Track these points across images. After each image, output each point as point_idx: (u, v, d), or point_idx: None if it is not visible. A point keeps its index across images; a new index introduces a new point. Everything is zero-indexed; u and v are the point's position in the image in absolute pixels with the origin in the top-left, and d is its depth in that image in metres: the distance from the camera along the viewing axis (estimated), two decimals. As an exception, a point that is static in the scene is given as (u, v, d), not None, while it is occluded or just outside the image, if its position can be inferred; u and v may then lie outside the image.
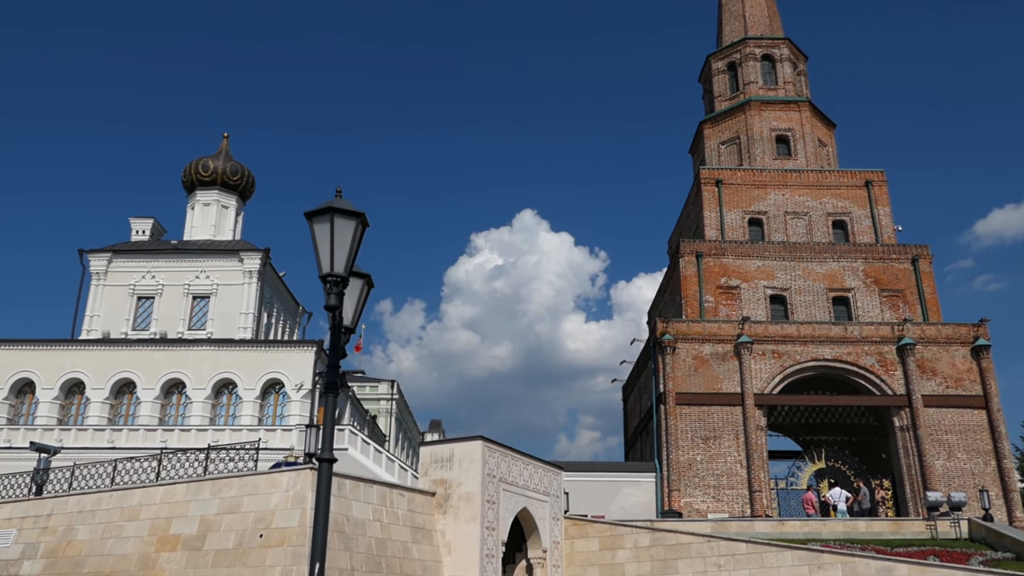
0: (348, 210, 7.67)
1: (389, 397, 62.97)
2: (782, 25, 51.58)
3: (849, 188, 43.40)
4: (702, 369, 36.78)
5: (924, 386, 36.48)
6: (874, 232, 42.19)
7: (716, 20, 53.68)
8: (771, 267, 40.10)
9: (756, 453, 35.21)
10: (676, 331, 37.22)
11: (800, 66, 49.88)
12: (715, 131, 47.90)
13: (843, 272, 40.19)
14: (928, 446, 35.37)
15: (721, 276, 39.90)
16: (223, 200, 51.36)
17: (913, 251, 40.58)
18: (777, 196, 42.99)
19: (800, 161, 45.00)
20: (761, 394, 36.35)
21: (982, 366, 36.88)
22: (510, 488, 22.48)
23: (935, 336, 37.50)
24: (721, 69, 49.92)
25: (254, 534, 17.46)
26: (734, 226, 42.19)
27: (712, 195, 42.77)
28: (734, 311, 39.04)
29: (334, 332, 7.94)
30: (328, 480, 7.56)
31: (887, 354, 37.12)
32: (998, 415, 36.01)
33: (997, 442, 35.62)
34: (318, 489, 7.55)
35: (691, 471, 35.14)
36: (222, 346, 41.37)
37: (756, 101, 46.71)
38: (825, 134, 47.99)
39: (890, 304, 39.59)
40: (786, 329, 37.55)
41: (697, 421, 35.93)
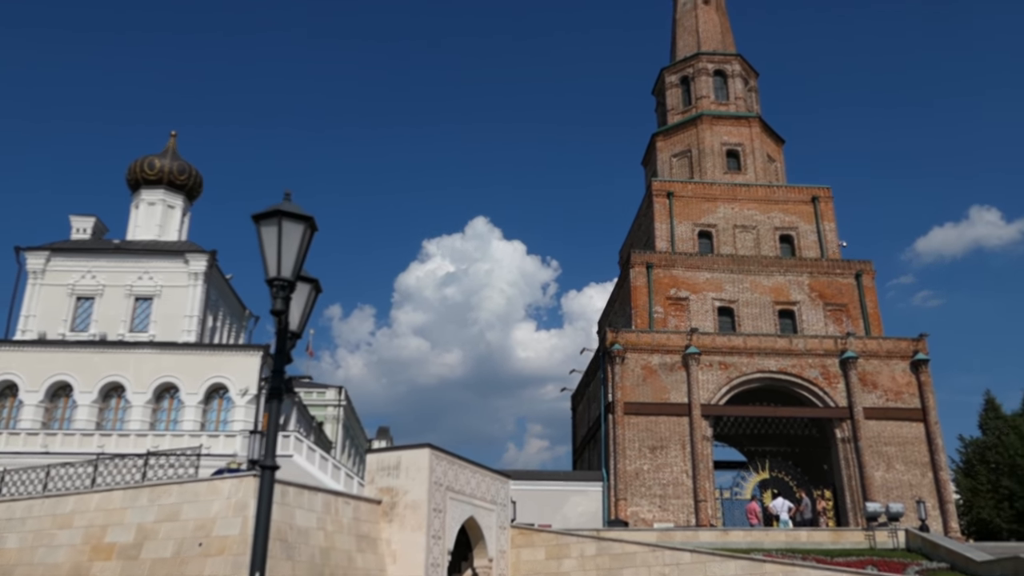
0: (297, 213, 7.49)
1: (336, 403, 62.23)
2: (734, 42, 52.45)
3: (796, 203, 44.23)
4: (650, 379, 37.05)
5: (865, 399, 37.24)
6: (819, 247, 43.04)
7: (670, 34, 54.37)
8: (720, 279, 40.63)
9: (702, 463, 35.56)
10: (625, 341, 37.45)
11: (751, 82, 50.76)
12: (667, 144, 48.45)
13: (789, 286, 40.90)
14: (868, 457, 36.10)
15: (671, 287, 40.29)
16: (169, 200, 50.27)
17: (857, 266, 41.49)
18: (727, 210, 43.60)
19: (750, 176, 45.73)
20: (708, 405, 36.74)
21: (921, 380, 37.81)
22: (457, 497, 22.31)
23: (876, 350, 38.33)
24: (674, 83, 50.54)
25: (193, 542, 17.02)
26: (684, 238, 42.67)
27: (663, 207, 43.21)
28: (683, 322, 39.43)
29: (279, 337, 7.75)
30: (270, 487, 7.36)
31: (830, 367, 37.83)
32: (935, 428, 36.93)
33: (934, 454, 36.52)
34: (260, 497, 7.34)
35: (638, 480, 35.33)
36: (164, 349, 40.42)
37: (708, 115, 47.38)
38: (774, 150, 48.86)
39: (834, 318, 40.40)
40: (733, 341, 38.04)
41: (645, 431, 36.17)
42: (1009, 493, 40.39)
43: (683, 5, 53.71)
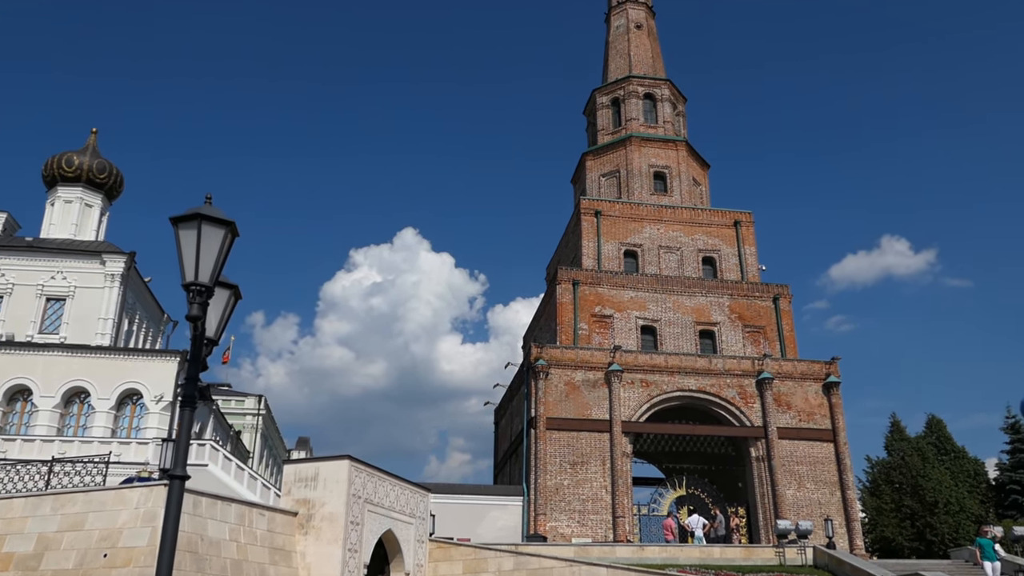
0: (217, 218, 7.39)
1: (255, 412, 60.95)
2: (664, 67, 53.66)
3: (719, 227, 45.39)
4: (573, 395, 37.39)
5: (779, 419, 38.31)
6: (740, 270, 44.22)
7: (603, 56, 55.31)
8: (643, 298, 41.35)
9: (621, 479, 36.00)
10: (550, 357, 37.73)
11: (679, 107, 51.97)
12: (597, 163, 49.18)
13: (710, 307, 41.87)
14: (780, 476, 37.11)
15: (596, 305, 40.82)
16: (87, 198, 48.64)
17: (775, 290, 42.76)
18: (652, 230, 44.45)
19: (675, 198, 46.73)
20: (629, 422, 37.26)
21: (832, 401, 39.10)
22: (375, 509, 22.09)
23: (791, 372, 39.50)
24: (605, 104, 51.40)
25: (98, 553, 16.43)
26: (610, 257, 43.31)
27: (591, 225, 43.80)
28: (607, 339, 39.96)
29: (195, 344, 7.62)
30: (179, 498, 7.21)
31: (747, 387, 38.82)
32: (844, 448, 38.22)
33: (842, 473, 37.77)
34: (167, 507, 7.18)
35: (558, 496, 35.55)
36: (75, 352, 38.93)
37: (637, 137, 48.29)
38: (699, 173, 50.07)
39: (752, 339, 41.51)
40: (655, 359, 38.70)
41: (566, 446, 36.45)
42: (911, 512, 42.02)
43: (616, 28, 54.75)
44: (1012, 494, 44.00)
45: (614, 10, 55.65)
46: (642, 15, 54.98)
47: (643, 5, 55.52)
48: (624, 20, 54.57)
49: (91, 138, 50.38)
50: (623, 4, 55.25)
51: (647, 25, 54.86)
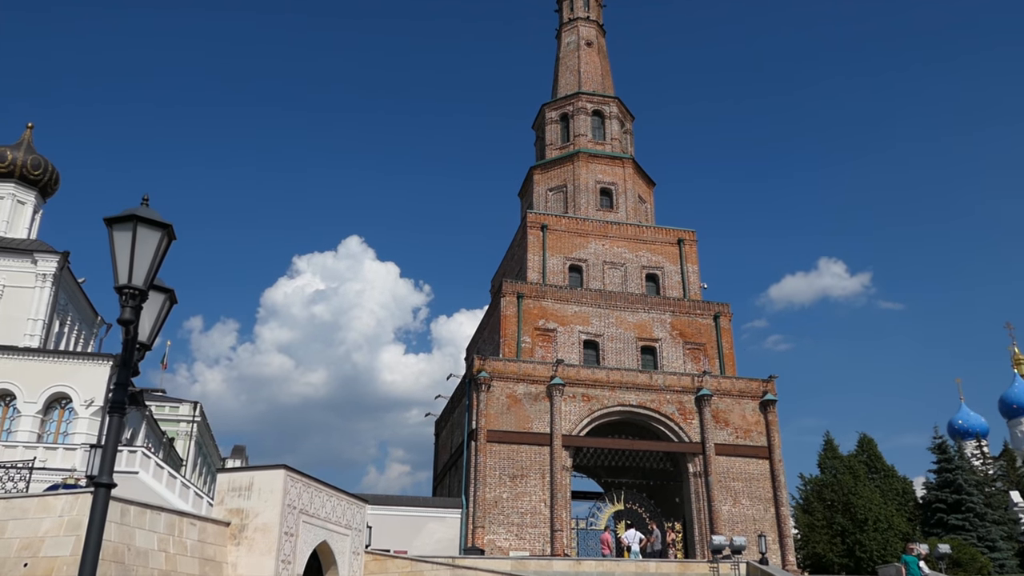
0: (154, 220, 7.22)
1: (190, 419, 59.55)
2: (613, 85, 54.32)
3: (663, 244, 46.00)
4: (515, 408, 37.39)
5: (717, 435, 38.85)
6: (683, 287, 44.85)
7: (553, 71, 55.75)
8: (587, 313, 41.62)
9: (560, 493, 36.07)
10: (492, 369, 37.70)
11: (627, 125, 52.62)
12: (544, 177, 49.45)
13: (652, 323, 42.35)
14: (717, 492, 37.60)
15: (540, 318, 40.95)
16: (20, 195, 47.10)
17: (716, 308, 43.44)
18: (598, 246, 44.83)
19: (621, 214, 47.23)
20: (569, 435, 37.39)
21: (768, 419, 39.82)
22: (311, 520, 21.75)
23: (730, 389, 40.12)
24: (554, 119, 51.78)
25: (17, 563, 15.84)
26: (555, 271, 43.54)
27: (537, 239, 43.99)
28: (549, 353, 40.10)
29: (126, 348, 7.42)
30: (104, 506, 6.99)
31: (687, 403, 39.30)
32: (779, 465, 38.93)
33: (777, 490, 38.45)
34: (91, 515, 6.96)
35: (497, 508, 35.45)
36: (1, 353, 37.58)
37: (585, 153, 48.73)
38: (645, 191, 50.71)
39: (692, 356, 42.08)
40: (597, 374, 38.94)
41: (506, 459, 36.40)
42: (842, 529, 42.89)
43: (567, 45, 55.26)
44: (938, 512, 45.27)
45: (565, 27, 56.18)
46: (593, 33, 55.61)
47: (594, 23, 56.17)
48: (575, 37, 55.12)
49: (26, 133, 48.84)
50: (574, 21, 55.82)
51: (597, 43, 55.50)
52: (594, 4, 57.06)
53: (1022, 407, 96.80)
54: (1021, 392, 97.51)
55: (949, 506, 44.73)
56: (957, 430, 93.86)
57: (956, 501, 44.38)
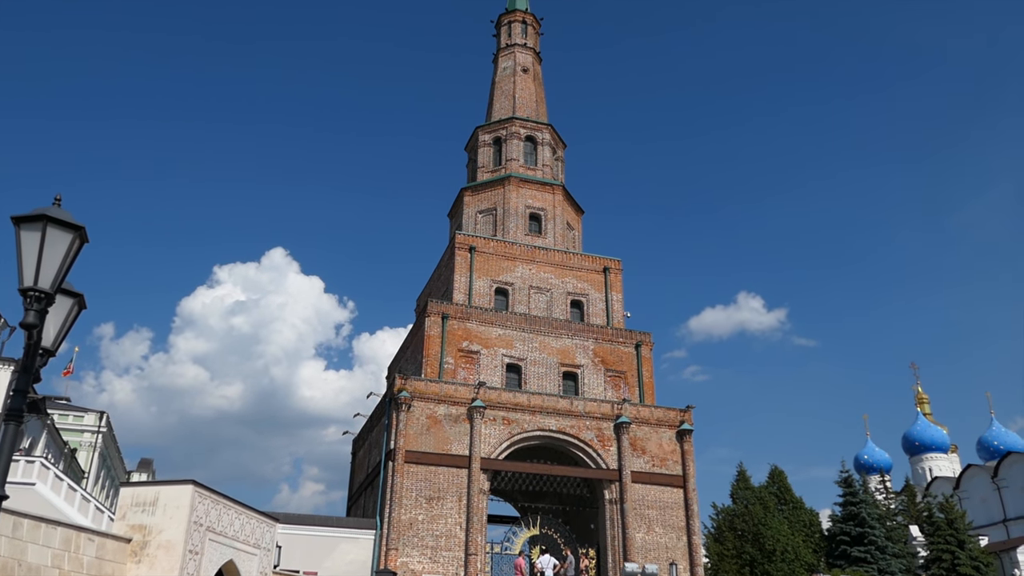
0: (66, 221, 6.95)
1: (95, 429, 57.25)
2: (547, 112, 54.95)
3: (589, 272, 46.52)
4: (434, 429, 37.09)
5: (634, 463, 39.25)
6: (606, 315, 45.37)
7: (489, 95, 56.11)
8: (511, 336, 41.70)
9: (476, 516, 35.85)
10: (414, 389, 37.37)
11: (559, 152, 53.24)
12: (475, 199, 49.56)
13: (575, 349, 42.67)
14: (631, 519, 37.92)
15: (464, 340, 40.84)
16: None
17: (637, 337, 44.06)
18: (524, 270, 45.06)
19: (549, 240, 47.63)
20: (488, 458, 37.25)
21: (684, 448, 40.44)
22: (218, 538, 21.08)
23: (648, 417, 40.63)
24: (487, 142, 52.04)
25: None
26: (481, 293, 43.54)
27: (464, 260, 43.97)
28: (472, 375, 39.98)
29: (28, 353, 7.09)
30: (-7, 520, 6.63)
31: (605, 430, 39.62)
32: (693, 494, 39.53)
33: (690, 519, 39.01)
34: (-21, 530, 6.59)
35: (411, 530, 35.01)
36: None
37: (516, 177, 49.06)
38: (574, 218, 51.28)
39: (613, 383, 42.52)
40: (518, 398, 38.96)
41: (423, 480, 36.03)
42: (751, 559, 43.67)
43: (504, 70, 55.75)
44: (842, 544, 46.50)
45: (503, 52, 56.70)
46: (529, 60, 56.26)
47: (531, 50, 56.85)
48: (512, 63, 55.66)
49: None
50: (512, 47, 56.39)
51: (534, 70, 56.15)
52: (532, 32, 57.79)
53: (924, 445, 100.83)
54: (923, 430, 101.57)
55: (852, 539, 46.01)
56: (863, 465, 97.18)
57: (859, 534, 45.70)
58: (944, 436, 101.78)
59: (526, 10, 58.35)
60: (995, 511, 77.20)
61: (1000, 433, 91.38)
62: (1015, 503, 75.74)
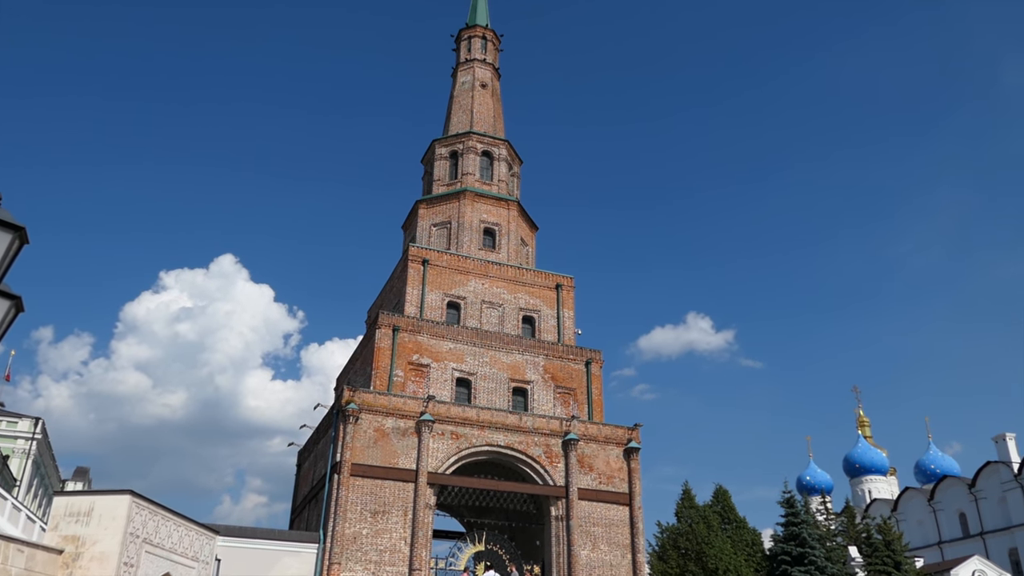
0: (5, 221, 6.76)
1: (29, 436, 55.35)
2: (504, 128, 55.16)
3: (542, 288, 46.67)
4: (382, 442, 36.74)
5: (581, 480, 39.32)
6: (558, 332, 45.52)
7: (446, 108, 56.16)
8: (462, 351, 41.57)
9: (422, 531, 35.53)
10: (362, 401, 37.00)
11: (515, 168, 53.45)
12: (429, 212, 49.43)
13: (526, 365, 42.70)
14: (577, 536, 37.95)
15: (414, 353, 40.59)
16: None
17: (588, 354, 44.26)
18: (477, 284, 45.03)
19: (503, 255, 47.69)
20: (435, 473, 36.99)
21: (631, 466, 40.65)
22: (155, 551, 20.56)
23: (596, 435, 40.78)
24: (444, 155, 52.01)
25: None
26: (433, 306, 43.37)
27: (417, 273, 43.78)
28: (421, 388, 39.74)
29: (-40, 356, 6.85)
30: (-84, 529, 6.36)
31: (553, 447, 39.65)
32: (638, 512, 39.73)
33: (635, 537, 39.17)
34: (-100, 539, 6.32)
35: (355, 545, 34.55)
36: None
37: (471, 192, 49.08)
38: (528, 235, 51.46)
39: (562, 400, 42.62)
40: (467, 412, 38.81)
41: (369, 494, 35.62)
42: (694, 578, 43.98)
43: (462, 84, 55.87)
44: (783, 564, 47.08)
45: (461, 67, 56.85)
46: (488, 75, 56.47)
47: (490, 66, 57.09)
48: (470, 77, 55.81)
49: None
50: (471, 62, 56.57)
51: (492, 86, 56.37)
52: (491, 48, 58.06)
53: (864, 467, 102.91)
54: (864, 453, 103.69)
55: (793, 559, 46.62)
56: (805, 486, 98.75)
57: (800, 554, 46.32)
58: (884, 459, 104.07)
59: (486, 26, 58.63)
60: (931, 533, 79.03)
61: (937, 457, 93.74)
62: (949, 526, 77.65)
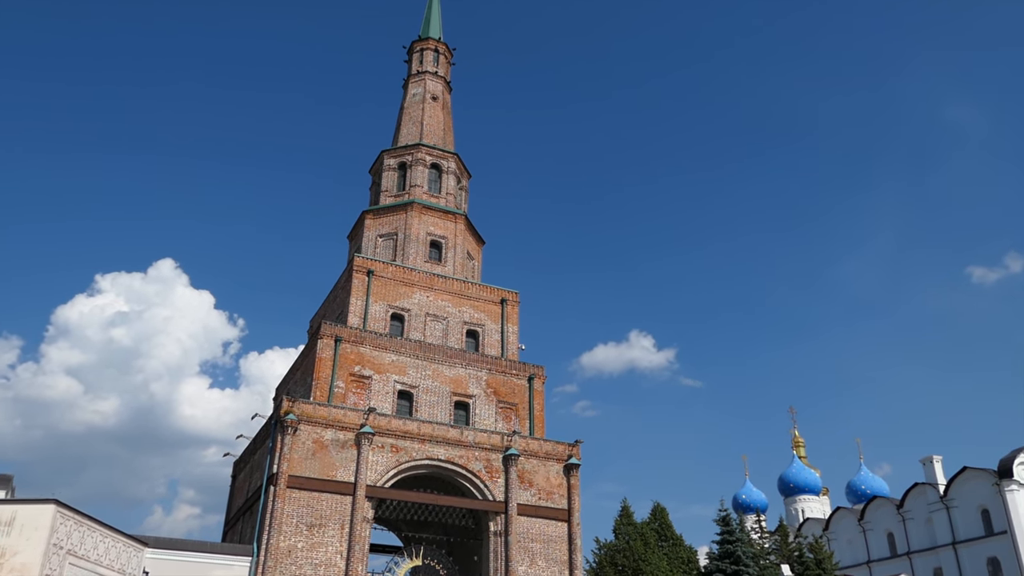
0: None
1: (-49, 442, 53.37)
2: (454, 142, 55.20)
3: (487, 302, 46.66)
4: (320, 454, 36.20)
5: (521, 495, 39.27)
6: (501, 347, 45.52)
7: (396, 119, 55.99)
8: (405, 363, 41.28)
9: (358, 545, 35.05)
10: (301, 412, 36.43)
11: (463, 182, 53.48)
12: (376, 223, 49.10)
13: (469, 379, 42.58)
14: (515, 552, 37.83)
15: (356, 364, 40.17)
16: None
17: (531, 370, 44.35)
18: (422, 297, 44.82)
19: (449, 268, 47.58)
20: (374, 486, 36.57)
21: (571, 482, 40.76)
22: (79, 562, 19.89)
23: (537, 450, 40.81)
24: (392, 166, 51.79)
25: None
26: (377, 318, 43.01)
27: (362, 283, 43.39)
28: (362, 400, 39.32)
29: None
30: None
31: (494, 461, 39.56)
32: (577, 529, 39.80)
33: (572, 553, 39.20)
34: None
35: (289, 558, 33.91)
36: None
37: (419, 204, 48.92)
38: (475, 248, 51.46)
39: (504, 415, 42.58)
40: (408, 425, 38.49)
41: (305, 507, 35.03)
42: (630, 595, 44.30)
43: (413, 96, 55.79)
44: (717, 582, 47.69)
45: (413, 78, 56.78)
46: (439, 88, 56.51)
47: (441, 79, 57.14)
48: (421, 89, 55.77)
49: None
50: (422, 74, 56.55)
51: (443, 99, 56.41)
52: (443, 61, 58.14)
53: (798, 486, 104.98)
54: (798, 473, 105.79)
55: (728, 576, 47.24)
56: (740, 504, 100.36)
57: (734, 572, 46.96)
58: (817, 479, 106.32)
59: (439, 39, 58.70)
60: (860, 552, 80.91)
61: (867, 478, 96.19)
62: (878, 545, 79.62)
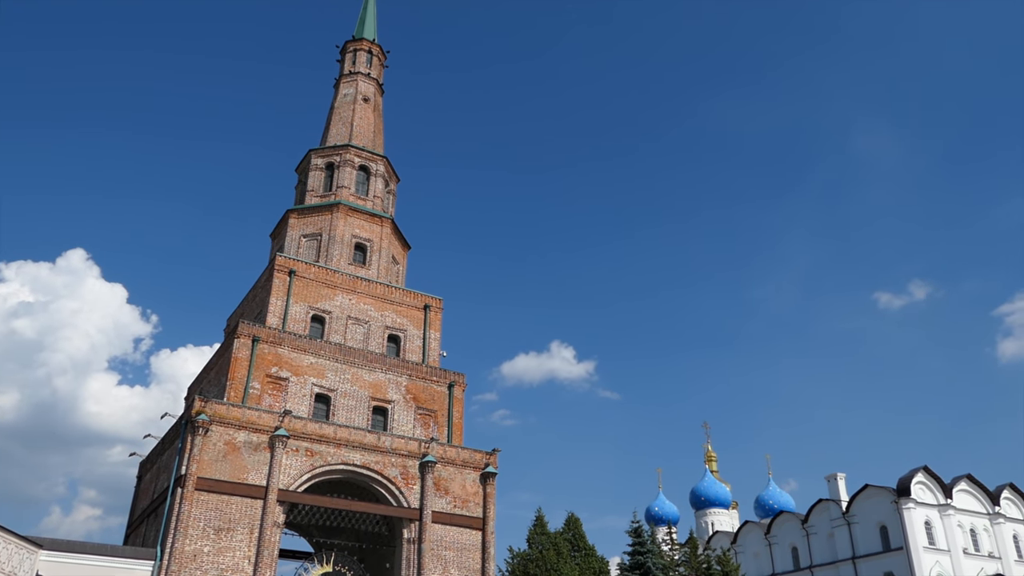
0: None
1: None
2: (384, 144, 54.85)
3: (410, 308, 46.40)
4: (232, 456, 35.36)
5: (436, 503, 39.10)
6: (423, 353, 45.31)
7: (326, 119, 55.33)
8: (323, 366, 40.69)
9: (267, 550, 34.32)
10: (214, 412, 35.52)
11: (392, 186, 53.15)
12: (300, 222, 48.37)
13: (388, 384, 42.23)
14: (428, 560, 37.62)
15: (273, 365, 39.42)
16: None
17: (452, 377, 44.26)
18: (344, 299, 44.30)
19: (373, 272, 47.16)
20: (286, 490, 35.88)
21: (486, 491, 40.78)
22: (-32, 563, 18.95)
23: (454, 458, 40.72)
24: (319, 166, 51.11)
25: None
26: (297, 319, 42.31)
27: (283, 283, 42.64)
28: (279, 402, 38.59)
29: None
30: None
31: (411, 468, 39.30)
32: (491, 537, 39.83)
33: (486, 562, 39.21)
34: None
35: (195, 563, 32.97)
36: None
37: (345, 205, 48.40)
38: (400, 253, 51.16)
39: (423, 422, 42.36)
40: (324, 429, 37.92)
41: (214, 510, 34.13)
42: (541, 604, 44.55)
43: (344, 96, 55.24)
44: (627, 592, 48.41)
45: (345, 78, 56.24)
46: (371, 90, 56.11)
47: (374, 81, 56.77)
48: (353, 90, 55.27)
49: None
50: (355, 75, 56.06)
51: (375, 101, 56.03)
52: (376, 63, 57.77)
53: (709, 500, 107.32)
54: (709, 487, 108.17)
55: (637, 587, 47.98)
56: (653, 516, 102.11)
57: (644, 583, 47.74)
58: (727, 493, 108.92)
59: (373, 40, 58.32)
60: (765, 566, 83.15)
61: (775, 493, 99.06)
62: (782, 559, 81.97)
